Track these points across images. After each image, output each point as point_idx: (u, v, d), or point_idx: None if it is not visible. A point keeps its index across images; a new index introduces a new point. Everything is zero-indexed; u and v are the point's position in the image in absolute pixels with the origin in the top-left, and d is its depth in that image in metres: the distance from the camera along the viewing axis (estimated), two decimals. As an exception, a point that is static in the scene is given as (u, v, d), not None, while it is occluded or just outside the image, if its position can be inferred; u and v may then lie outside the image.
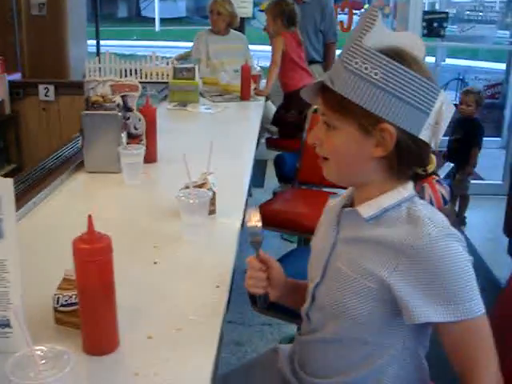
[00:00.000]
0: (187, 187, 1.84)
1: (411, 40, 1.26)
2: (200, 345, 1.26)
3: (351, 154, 1.26)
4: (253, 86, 4.39)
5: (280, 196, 3.47)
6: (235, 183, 2.35)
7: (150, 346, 1.26)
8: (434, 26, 5.72)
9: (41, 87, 4.90)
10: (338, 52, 5.43)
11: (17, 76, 5.50)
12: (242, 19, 5.86)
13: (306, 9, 5.08)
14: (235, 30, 5.13)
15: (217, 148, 2.00)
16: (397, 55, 1.20)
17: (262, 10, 8.07)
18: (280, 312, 2.13)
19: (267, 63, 4.72)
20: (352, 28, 6.43)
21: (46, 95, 4.90)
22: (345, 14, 6.67)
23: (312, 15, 5.24)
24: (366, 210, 1.29)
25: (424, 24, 5.68)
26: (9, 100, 4.85)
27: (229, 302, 1.50)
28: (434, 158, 1.28)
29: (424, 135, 1.21)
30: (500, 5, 7.97)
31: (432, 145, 1.24)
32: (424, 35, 5.73)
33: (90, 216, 1.17)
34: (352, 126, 1.23)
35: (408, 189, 1.28)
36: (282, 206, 3.27)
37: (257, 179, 5.23)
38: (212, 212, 1.93)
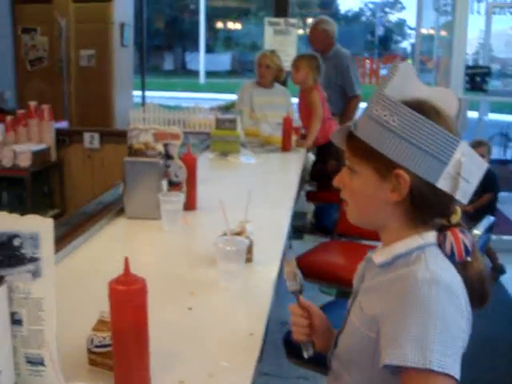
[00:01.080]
0: (225, 234, 1.85)
1: (443, 94, 1.29)
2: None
3: (369, 197, 1.30)
4: (294, 137, 4.42)
5: (319, 248, 3.46)
6: (273, 233, 2.35)
7: (182, 391, 1.25)
8: (476, 80, 5.73)
9: (86, 135, 5.03)
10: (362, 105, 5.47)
11: (64, 124, 5.66)
12: (287, 73, 5.96)
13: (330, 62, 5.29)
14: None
15: (256, 198, 2.02)
16: (417, 105, 1.23)
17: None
18: (317, 364, 2.10)
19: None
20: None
21: (91, 143, 5.02)
22: (387, 68, 6.72)
23: (326, 70, 5.32)
24: (379, 257, 1.32)
25: (467, 79, 5.69)
26: (55, 147, 4.97)
27: (263, 352, 1.49)
28: (458, 209, 1.28)
29: (443, 184, 1.22)
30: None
31: (458, 197, 1.24)
32: (467, 90, 5.73)
33: (126, 258, 1.18)
34: (369, 170, 1.28)
35: (426, 238, 1.26)
36: (321, 258, 3.25)
37: (296, 232, 5.23)
38: (249, 260, 1.93)
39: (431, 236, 1.27)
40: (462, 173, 1.22)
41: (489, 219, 2.20)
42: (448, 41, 5.93)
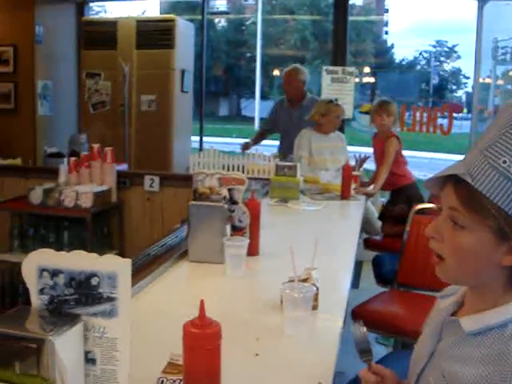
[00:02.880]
0: (292, 281, 1.84)
1: None
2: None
3: (477, 258, 1.16)
4: (353, 185, 4.41)
5: (378, 297, 3.40)
6: (336, 280, 2.33)
7: None
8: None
9: (146, 178, 5.10)
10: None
11: (124, 167, 5.76)
12: (343, 120, 5.99)
13: (302, 110, 5.50)
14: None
15: (319, 245, 2.00)
16: None
17: (361, 112, 8.22)
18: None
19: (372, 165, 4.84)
20: (451, 130, 6.43)
21: (150, 186, 5.09)
22: (444, 117, 6.66)
23: (307, 114, 5.38)
24: (469, 323, 1.20)
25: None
26: (116, 189, 5.05)
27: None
28: None
29: None
30: None
31: None
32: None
33: (202, 301, 1.18)
34: (487, 230, 1.13)
35: None
36: (379, 307, 3.20)
37: (352, 280, 5.16)
38: (314, 308, 1.91)
39: None
40: None
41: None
42: (506, 89, 5.88)
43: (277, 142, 6.14)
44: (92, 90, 6.80)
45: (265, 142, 6.39)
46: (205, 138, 10.88)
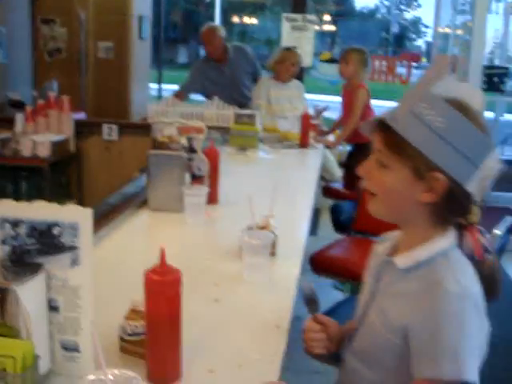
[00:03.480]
0: (250, 228, 1.88)
1: (473, 92, 1.30)
2: (261, 382, 1.27)
3: (399, 195, 1.29)
4: (311, 134, 4.44)
5: (335, 244, 3.48)
6: (294, 228, 2.38)
7: (212, 379, 1.28)
8: (493, 80, 5.71)
9: (105, 127, 5.05)
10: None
11: (81, 115, 5.69)
12: (302, 69, 5.98)
13: (232, 63, 5.46)
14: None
15: (277, 193, 2.04)
16: (461, 107, 1.23)
17: (321, 61, 8.20)
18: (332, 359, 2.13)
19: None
20: (410, 80, 6.46)
21: (109, 135, 5.04)
22: (403, 66, 6.70)
23: (240, 65, 5.52)
24: (402, 261, 1.32)
25: (484, 79, 5.67)
26: (74, 138, 5.00)
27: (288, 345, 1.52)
28: (476, 208, 1.29)
29: (471, 187, 1.23)
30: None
31: (477, 198, 1.26)
32: (483, 90, 5.72)
33: (163, 249, 1.21)
34: (406, 168, 1.26)
35: (447, 239, 1.29)
36: (336, 254, 3.28)
37: (311, 227, 5.24)
38: (272, 254, 1.95)
39: (452, 236, 1.29)
40: (489, 176, 1.25)
41: (508, 219, 2.22)
42: (465, 40, 5.92)
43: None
44: (47, 37, 6.64)
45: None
46: (164, 86, 10.78)
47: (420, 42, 29.47)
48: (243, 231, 1.87)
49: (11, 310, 1.14)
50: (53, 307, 1.23)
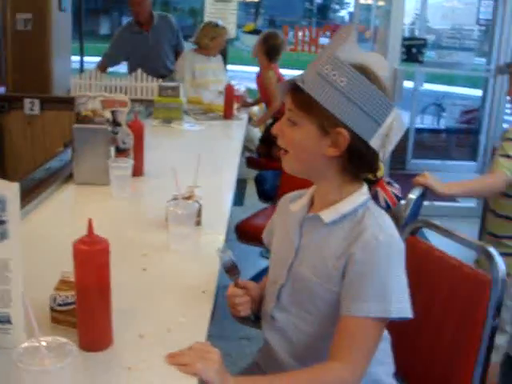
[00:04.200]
0: (175, 199, 1.93)
1: (377, 59, 1.41)
2: (189, 344, 1.33)
3: (307, 149, 1.39)
4: (235, 105, 4.49)
5: (260, 213, 3.56)
6: (219, 198, 2.45)
7: (142, 344, 1.34)
8: (412, 51, 5.88)
9: (26, 101, 4.97)
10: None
11: (1, 90, 5.56)
12: (226, 40, 6.01)
13: (157, 31, 5.49)
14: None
15: (202, 164, 2.10)
16: (363, 70, 1.34)
17: (245, 32, 8.23)
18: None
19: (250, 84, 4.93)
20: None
21: (31, 109, 4.96)
22: (326, 37, 6.81)
23: (164, 35, 5.57)
24: (327, 215, 1.42)
25: (403, 49, 5.84)
26: (-6, 113, 4.91)
27: (215, 308, 1.59)
28: (381, 165, 1.43)
29: (374, 143, 1.35)
30: (478, 33, 8.20)
31: (381, 155, 1.37)
32: (403, 60, 5.89)
33: (90, 220, 1.26)
34: (312, 125, 1.36)
35: (364, 193, 1.42)
36: (261, 222, 3.36)
37: (236, 197, 5.32)
38: (198, 223, 2.01)
39: (366, 190, 1.43)
40: (390, 134, 1.35)
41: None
42: (386, 11, 6.05)
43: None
44: (-39, 7, 6.43)
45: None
46: (86, 58, 10.56)
47: (343, 13, 29.70)
48: (168, 202, 1.92)
49: None
50: (-18, 280, 1.26)
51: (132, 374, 1.23)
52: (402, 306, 1.31)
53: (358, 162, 1.39)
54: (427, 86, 8.45)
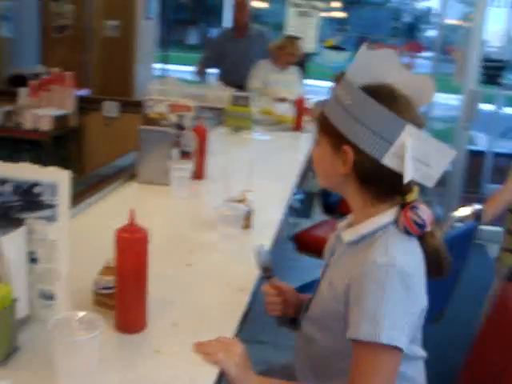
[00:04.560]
0: (228, 201, 2.01)
1: (421, 82, 1.43)
2: (218, 336, 1.39)
3: (326, 168, 1.45)
4: (306, 118, 4.55)
5: (319, 225, 3.61)
6: (274, 204, 2.51)
7: (174, 332, 1.42)
8: (492, 73, 5.80)
9: (105, 103, 5.18)
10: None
11: (85, 92, 5.82)
12: (306, 54, 6.10)
13: (249, 41, 5.63)
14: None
15: (263, 171, 2.19)
16: (374, 89, 1.36)
17: (325, 47, 8.27)
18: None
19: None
20: (412, 69, 6.55)
21: (109, 111, 5.17)
22: (407, 55, 6.79)
23: (256, 46, 5.66)
24: (347, 235, 1.44)
25: (483, 71, 5.75)
26: (75, 113, 5.13)
27: (251, 307, 1.65)
28: (416, 188, 1.35)
29: (389, 163, 1.33)
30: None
31: (417, 178, 1.34)
32: (482, 82, 5.80)
33: (131, 210, 1.35)
34: (327, 143, 1.42)
35: (388, 215, 1.37)
36: (317, 233, 3.42)
37: (305, 210, 5.38)
38: (247, 227, 2.09)
39: (392, 213, 1.37)
40: (411, 154, 1.32)
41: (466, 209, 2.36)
42: (468, 32, 5.99)
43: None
44: (55, 13, 6.75)
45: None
46: (171, 67, 10.86)
47: (432, 33, 29.33)
48: (219, 203, 2.01)
49: (-6, 258, 1.28)
50: (33, 259, 1.37)
51: (159, 356, 1.31)
52: (394, 333, 1.25)
53: (371, 182, 1.38)
54: (508, 110, 8.28)
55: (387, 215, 1.38)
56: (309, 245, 3.30)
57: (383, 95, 1.35)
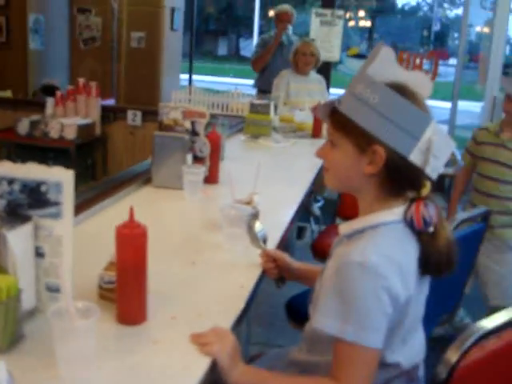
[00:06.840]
0: (235, 203, 2.08)
1: (419, 79, 1.44)
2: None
3: (347, 169, 1.44)
4: (324, 125, 4.58)
5: (332, 230, 3.65)
6: (284, 207, 2.57)
7: (172, 324, 1.48)
8: (513, 77, 5.78)
9: (129, 113, 5.30)
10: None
11: (111, 102, 5.96)
12: (329, 63, 6.16)
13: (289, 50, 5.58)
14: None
15: (276, 175, 2.25)
16: (396, 87, 1.38)
17: (349, 56, 8.33)
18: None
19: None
20: (436, 76, 6.56)
21: (133, 120, 5.29)
22: (431, 63, 6.80)
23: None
24: (343, 228, 1.49)
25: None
26: (100, 122, 5.26)
27: (251, 302, 1.70)
28: (428, 183, 1.40)
29: (415, 158, 1.36)
30: None
31: (427, 171, 1.37)
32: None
33: (131, 208, 1.42)
34: (349, 145, 1.41)
35: (394, 213, 1.41)
36: (327, 240, 3.47)
37: (328, 217, 5.42)
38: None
39: (399, 212, 1.41)
40: (431, 149, 1.36)
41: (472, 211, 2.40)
42: (489, 38, 6.01)
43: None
44: (83, 25, 6.93)
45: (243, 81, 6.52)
46: (201, 77, 11.02)
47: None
48: (224, 204, 2.08)
49: (3, 252, 1.36)
50: (39, 254, 1.45)
51: (156, 346, 1.37)
52: (362, 332, 1.30)
53: (397, 178, 1.40)
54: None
55: (390, 213, 1.41)
56: (324, 251, 3.34)
57: (408, 92, 1.38)
